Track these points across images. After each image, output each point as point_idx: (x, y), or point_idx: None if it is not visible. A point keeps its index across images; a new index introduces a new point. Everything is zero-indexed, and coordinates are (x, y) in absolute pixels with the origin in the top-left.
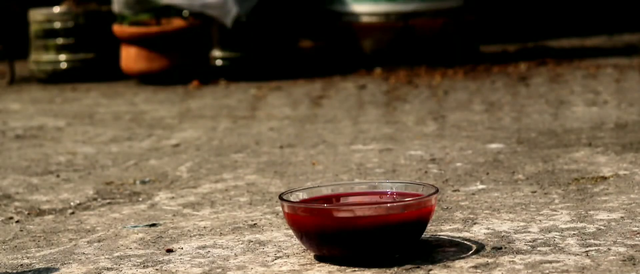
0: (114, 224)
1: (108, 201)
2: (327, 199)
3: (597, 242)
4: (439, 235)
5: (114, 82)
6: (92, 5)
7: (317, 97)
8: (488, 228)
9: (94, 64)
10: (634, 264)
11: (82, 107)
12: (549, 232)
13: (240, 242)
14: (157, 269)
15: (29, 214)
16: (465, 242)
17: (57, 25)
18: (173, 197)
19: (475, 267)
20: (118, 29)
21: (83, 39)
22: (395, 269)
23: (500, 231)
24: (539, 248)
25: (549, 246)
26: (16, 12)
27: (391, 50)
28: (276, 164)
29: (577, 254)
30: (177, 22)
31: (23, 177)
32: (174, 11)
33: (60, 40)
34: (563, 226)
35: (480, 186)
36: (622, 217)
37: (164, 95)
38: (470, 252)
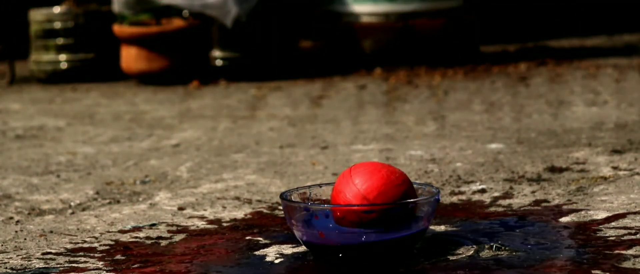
0: (114, 224)
1: (108, 201)
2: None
3: (595, 242)
4: (439, 235)
5: (114, 82)
6: (92, 5)
7: (317, 97)
8: (488, 228)
9: (94, 64)
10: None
11: (82, 107)
12: (549, 232)
13: (241, 242)
14: (157, 269)
15: (29, 214)
16: (465, 242)
17: (57, 25)
18: (173, 197)
19: (475, 267)
20: (118, 29)
21: (83, 39)
22: (394, 269)
23: (500, 231)
24: (539, 249)
25: (550, 246)
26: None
27: (391, 51)
28: (276, 164)
29: (574, 256)
30: (177, 22)
31: (23, 177)
32: (174, 11)
33: (60, 40)
34: (563, 226)
35: (480, 186)
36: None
37: (164, 95)
38: (471, 252)
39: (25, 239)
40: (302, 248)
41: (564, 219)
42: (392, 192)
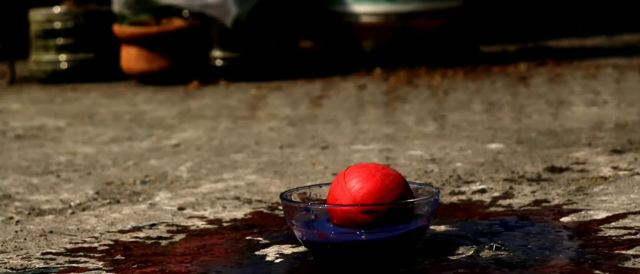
0: (114, 224)
1: (108, 201)
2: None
3: (595, 242)
4: (439, 235)
5: (114, 82)
6: (92, 5)
7: (317, 97)
8: (488, 228)
9: (94, 64)
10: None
11: (82, 107)
12: (549, 232)
13: (240, 242)
14: (157, 269)
15: (29, 214)
16: (465, 242)
17: (57, 25)
18: (173, 197)
19: (475, 267)
20: (118, 29)
21: (83, 39)
22: (395, 269)
23: (500, 231)
24: (539, 249)
25: (550, 246)
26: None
27: (391, 51)
28: (276, 164)
29: (574, 256)
30: (177, 22)
31: (23, 177)
32: (174, 11)
33: (60, 40)
34: (563, 226)
35: (480, 186)
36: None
37: (164, 95)
38: (471, 252)
39: (25, 239)
40: (302, 248)
41: (564, 219)
42: (388, 198)
